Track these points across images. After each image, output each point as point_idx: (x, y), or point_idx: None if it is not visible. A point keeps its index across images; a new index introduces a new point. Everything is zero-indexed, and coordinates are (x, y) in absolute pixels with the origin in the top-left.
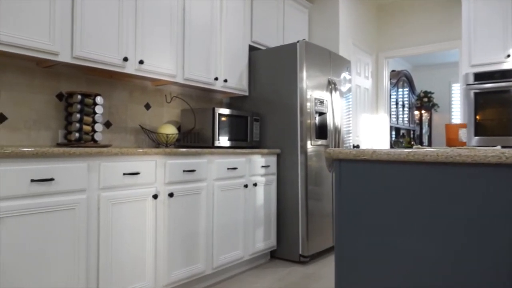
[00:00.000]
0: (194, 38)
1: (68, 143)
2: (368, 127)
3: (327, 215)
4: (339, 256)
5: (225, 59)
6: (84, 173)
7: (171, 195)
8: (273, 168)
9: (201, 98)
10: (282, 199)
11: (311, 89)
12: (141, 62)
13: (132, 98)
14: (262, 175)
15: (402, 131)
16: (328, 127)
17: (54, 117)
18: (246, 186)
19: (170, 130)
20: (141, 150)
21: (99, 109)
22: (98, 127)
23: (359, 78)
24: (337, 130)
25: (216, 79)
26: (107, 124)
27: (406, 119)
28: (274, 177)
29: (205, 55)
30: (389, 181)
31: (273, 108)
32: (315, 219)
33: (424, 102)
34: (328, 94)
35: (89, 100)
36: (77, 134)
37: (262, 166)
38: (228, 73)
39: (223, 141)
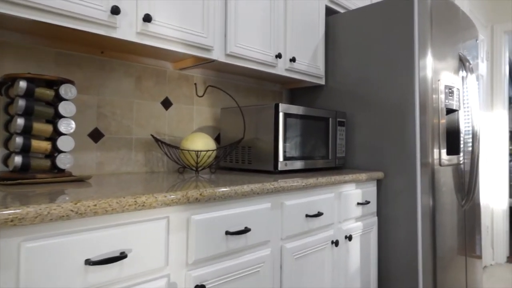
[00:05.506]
0: None
1: (11, 174)
2: (482, 129)
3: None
4: None
5: (292, 27)
6: None
7: None
8: (373, 205)
9: (250, 90)
10: (386, 255)
11: (437, 71)
12: (146, 18)
13: (141, 89)
14: (357, 219)
15: None
16: (461, 133)
17: None
18: (335, 243)
19: (202, 144)
20: (136, 200)
21: (66, 109)
22: (65, 143)
23: None
24: (475, 138)
25: (278, 56)
26: (95, 135)
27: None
28: (375, 220)
29: (260, 18)
30: None
31: (366, 104)
32: None
33: None
34: (458, 79)
35: (45, 92)
36: (17, 159)
37: (359, 204)
38: (296, 48)
39: (293, 160)
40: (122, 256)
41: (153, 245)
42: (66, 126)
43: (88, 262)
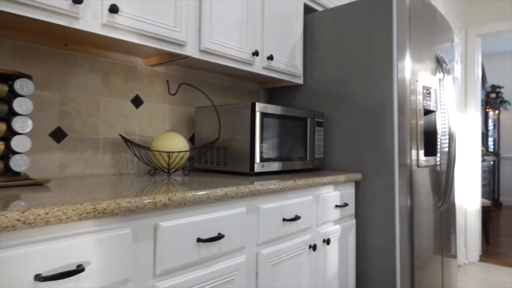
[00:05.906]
0: None
1: None
2: (457, 131)
3: None
4: None
5: (269, 23)
6: None
7: None
8: (352, 207)
9: (226, 89)
10: (364, 256)
11: (415, 72)
12: (113, 9)
13: (109, 86)
14: (336, 222)
15: None
16: (438, 134)
17: None
18: (313, 247)
19: (175, 145)
20: (95, 207)
21: (22, 106)
22: (20, 143)
23: None
24: (452, 139)
25: (255, 53)
26: (57, 135)
27: None
28: (353, 222)
29: (236, 12)
30: None
31: (345, 104)
32: None
33: (491, 98)
34: (435, 80)
35: None
36: None
37: (337, 206)
38: (274, 46)
39: (270, 162)
40: (79, 269)
41: (115, 256)
42: (22, 124)
43: (38, 278)
